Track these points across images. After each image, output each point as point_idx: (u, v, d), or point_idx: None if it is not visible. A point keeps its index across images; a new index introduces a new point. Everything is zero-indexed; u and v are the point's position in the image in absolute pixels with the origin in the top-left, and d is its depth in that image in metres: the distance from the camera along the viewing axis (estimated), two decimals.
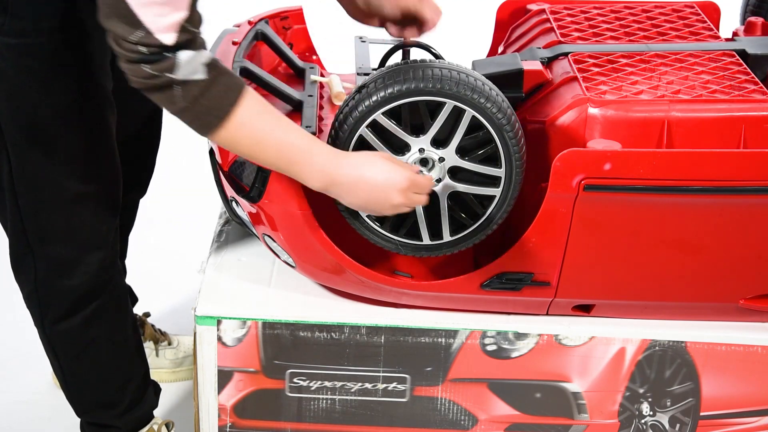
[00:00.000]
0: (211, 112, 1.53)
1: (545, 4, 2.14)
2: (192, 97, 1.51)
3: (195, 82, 1.50)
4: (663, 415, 1.92)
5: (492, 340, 1.87)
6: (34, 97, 1.71)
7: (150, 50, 1.46)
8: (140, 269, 2.62)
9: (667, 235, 1.75)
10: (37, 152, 1.75)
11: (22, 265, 1.88)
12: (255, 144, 1.57)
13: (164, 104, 1.53)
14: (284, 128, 1.59)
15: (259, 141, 1.57)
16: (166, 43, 1.46)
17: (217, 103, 1.53)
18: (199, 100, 1.51)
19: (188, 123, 1.54)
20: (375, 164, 1.62)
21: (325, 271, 1.84)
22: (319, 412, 1.93)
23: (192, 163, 3.16)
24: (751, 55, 1.92)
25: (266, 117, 1.57)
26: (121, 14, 1.44)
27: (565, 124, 1.78)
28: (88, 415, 2.08)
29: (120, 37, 1.46)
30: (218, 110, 1.53)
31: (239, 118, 1.54)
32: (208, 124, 1.54)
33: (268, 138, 1.57)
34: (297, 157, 1.59)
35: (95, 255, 1.87)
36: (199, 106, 1.52)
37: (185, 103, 1.51)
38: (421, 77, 1.64)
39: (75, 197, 1.80)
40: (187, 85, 1.50)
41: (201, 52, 1.50)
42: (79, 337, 1.94)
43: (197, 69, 1.50)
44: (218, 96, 1.52)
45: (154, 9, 1.43)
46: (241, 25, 2.03)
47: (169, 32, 1.45)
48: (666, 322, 1.87)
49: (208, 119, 1.53)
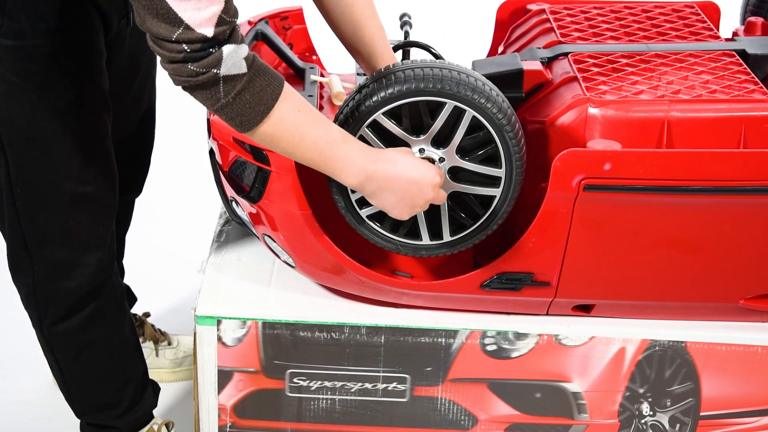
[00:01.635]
0: (254, 108, 1.52)
1: (545, 4, 2.14)
2: (236, 92, 1.49)
3: (238, 76, 1.49)
4: (663, 415, 1.93)
5: (492, 340, 1.87)
6: (31, 98, 1.71)
7: (192, 47, 1.44)
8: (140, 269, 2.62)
9: (666, 235, 1.75)
10: (34, 154, 1.75)
11: (19, 267, 1.88)
12: (295, 140, 1.56)
13: (207, 102, 1.51)
14: (323, 124, 1.58)
15: (300, 137, 1.56)
16: (207, 36, 1.44)
17: (259, 98, 1.52)
18: (242, 95, 1.50)
19: (229, 119, 1.53)
20: (409, 161, 1.63)
21: (325, 271, 1.84)
22: (319, 412, 1.93)
23: (192, 163, 3.17)
24: (751, 55, 1.92)
25: (305, 113, 1.57)
26: (158, 13, 1.42)
27: (565, 124, 1.78)
28: (88, 416, 2.08)
29: (160, 37, 1.44)
30: (260, 105, 1.52)
31: (280, 114, 1.54)
32: (251, 119, 1.52)
33: (308, 134, 1.56)
34: (336, 153, 1.59)
35: (92, 256, 1.87)
36: (241, 101, 1.51)
37: (228, 98, 1.50)
38: (421, 77, 1.64)
39: (72, 199, 1.80)
40: (230, 80, 1.49)
41: (241, 46, 1.49)
42: (77, 338, 1.94)
43: (239, 63, 1.49)
44: (260, 91, 1.51)
45: (192, 3, 1.42)
46: (241, 25, 2.03)
47: (209, 26, 1.44)
48: (666, 322, 1.87)
49: (251, 115, 1.52)
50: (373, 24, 1.82)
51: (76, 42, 1.71)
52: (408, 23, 2.07)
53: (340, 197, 1.72)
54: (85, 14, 1.71)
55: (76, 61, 1.72)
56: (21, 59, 1.67)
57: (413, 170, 1.63)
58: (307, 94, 1.94)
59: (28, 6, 1.65)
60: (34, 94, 1.70)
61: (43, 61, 1.68)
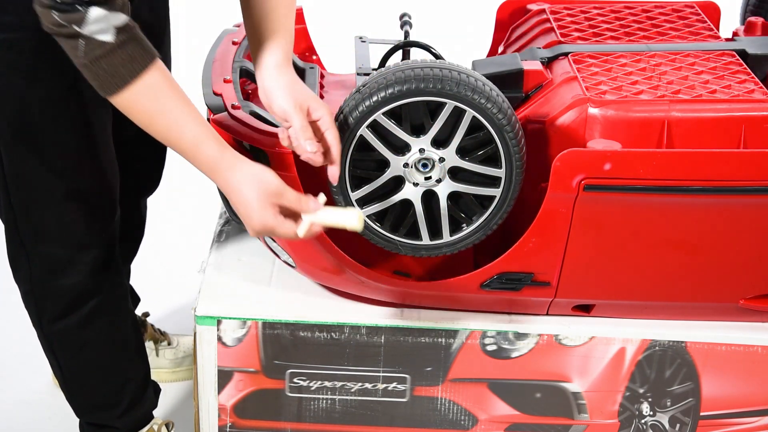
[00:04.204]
0: (109, 78, 1.51)
1: (545, 4, 2.14)
2: (94, 56, 1.49)
3: (99, 42, 1.48)
4: (663, 415, 1.93)
5: (492, 340, 1.87)
6: (20, 92, 1.70)
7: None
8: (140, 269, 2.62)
9: (667, 235, 1.75)
10: (26, 148, 1.74)
11: (17, 263, 1.88)
12: (145, 122, 1.56)
13: (69, 54, 1.51)
14: (180, 116, 1.57)
15: (150, 121, 1.56)
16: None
17: (116, 70, 1.51)
18: (99, 62, 1.50)
19: (89, 80, 1.53)
20: (241, 196, 1.59)
21: (325, 271, 1.84)
22: (319, 412, 1.93)
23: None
24: (751, 55, 1.92)
25: (166, 99, 1.55)
26: None
27: (565, 124, 1.78)
28: (88, 416, 2.07)
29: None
30: (116, 77, 1.51)
31: (134, 93, 1.53)
32: (105, 87, 1.52)
33: (159, 122, 1.56)
34: (182, 148, 1.58)
35: (89, 254, 1.86)
36: (98, 67, 1.50)
37: (86, 60, 1.49)
38: (421, 77, 1.64)
39: (66, 195, 1.79)
40: (91, 43, 1.48)
41: (116, 14, 1.48)
42: (76, 336, 1.94)
43: (106, 29, 1.48)
44: (120, 63, 1.50)
45: None
46: (241, 25, 2.03)
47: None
48: (666, 322, 1.87)
49: (105, 83, 1.52)
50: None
51: None
52: (408, 23, 2.07)
53: (340, 197, 1.73)
54: None
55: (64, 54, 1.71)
56: (8, 52, 1.67)
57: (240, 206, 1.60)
58: None
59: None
60: (24, 89, 1.70)
61: (32, 54, 1.68)
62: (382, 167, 1.71)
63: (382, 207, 1.73)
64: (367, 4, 3.94)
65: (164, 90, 1.55)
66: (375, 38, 2.07)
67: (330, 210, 1.60)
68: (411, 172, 1.71)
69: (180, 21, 2.55)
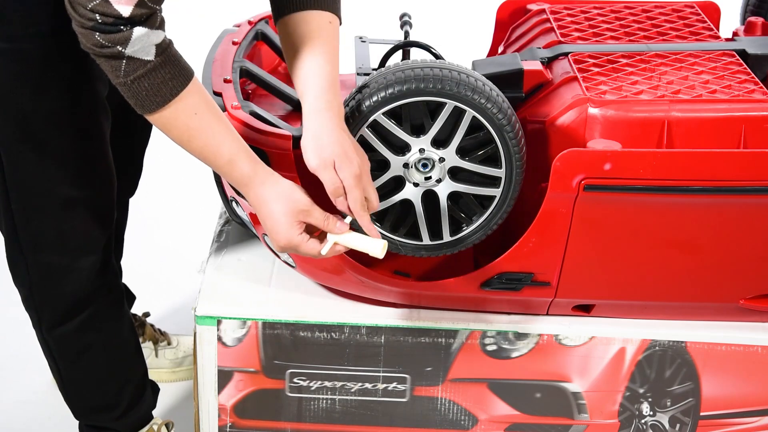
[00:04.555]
0: (150, 96, 1.51)
1: (545, 4, 2.14)
2: (136, 75, 1.49)
3: (141, 61, 1.48)
4: (663, 415, 1.93)
5: (492, 340, 1.87)
6: (25, 102, 1.70)
7: (105, 19, 1.44)
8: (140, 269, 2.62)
9: (667, 235, 1.75)
10: (29, 157, 1.74)
11: (17, 270, 1.88)
12: (183, 140, 1.57)
13: (109, 74, 1.51)
14: (217, 135, 1.58)
15: (188, 139, 1.57)
16: (122, 15, 1.44)
17: (157, 89, 1.51)
18: (141, 81, 1.50)
19: (127, 97, 1.53)
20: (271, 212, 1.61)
21: (325, 271, 1.84)
22: (319, 412, 1.93)
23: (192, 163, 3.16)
24: (751, 55, 1.92)
25: (204, 116, 1.56)
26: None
27: (565, 124, 1.78)
28: (86, 418, 2.07)
29: (76, 1, 1.44)
30: (157, 96, 1.52)
31: (174, 111, 1.53)
32: (145, 105, 1.52)
33: (197, 139, 1.57)
34: (217, 164, 1.60)
35: (88, 260, 1.86)
36: (139, 86, 1.50)
37: (127, 79, 1.50)
38: (421, 77, 1.64)
39: (67, 202, 1.79)
40: (133, 62, 1.48)
41: (156, 32, 1.48)
42: (76, 341, 1.94)
43: (148, 48, 1.48)
44: (161, 83, 1.51)
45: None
46: (241, 25, 2.03)
47: (128, 4, 1.43)
48: (666, 322, 1.87)
49: (146, 101, 1.52)
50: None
51: (69, 46, 1.70)
52: (408, 23, 2.07)
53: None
54: None
55: (70, 64, 1.71)
56: (14, 62, 1.67)
57: (267, 221, 1.61)
58: None
59: (22, 9, 1.64)
60: (29, 98, 1.69)
61: (37, 64, 1.68)
62: (382, 167, 1.71)
63: (382, 207, 1.73)
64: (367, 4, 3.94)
65: (202, 107, 1.56)
66: (375, 38, 2.07)
67: (355, 235, 1.62)
68: (411, 172, 1.71)
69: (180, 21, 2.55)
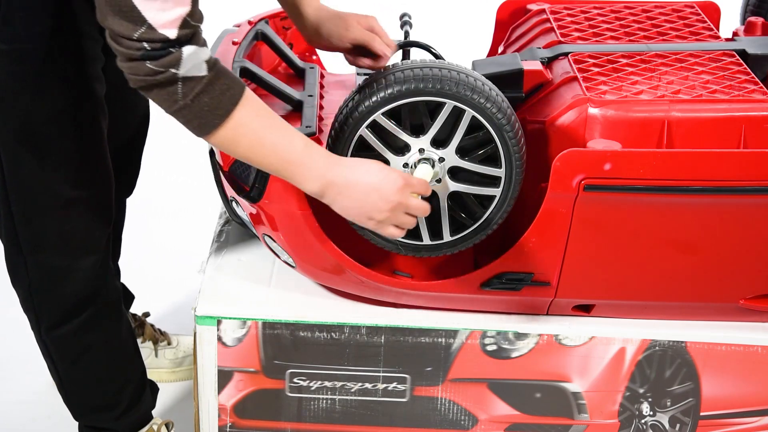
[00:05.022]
0: (213, 111, 1.51)
1: (545, 4, 2.14)
2: (194, 94, 1.48)
3: (197, 78, 1.48)
4: (663, 415, 1.93)
5: (492, 340, 1.87)
6: (26, 102, 1.70)
7: (153, 46, 1.44)
8: (140, 269, 2.62)
9: (667, 235, 1.75)
10: (29, 158, 1.75)
11: (16, 271, 1.88)
12: (253, 145, 1.55)
13: (164, 102, 1.50)
14: (283, 130, 1.57)
15: (258, 142, 1.55)
16: (169, 38, 1.44)
17: (218, 102, 1.50)
18: (200, 98, 1.49)
19: (187, 122, 1.52)
20: (371, 168, 1.61)
21: (325, 271, 1.84)
22: (319, 412, 1.93)
23: (192, 163, 3.17)
24: (751, 55, 1.92)
25: (265, 118, 1.56)
26: (121, 11, 1.42)
27: (565, 124, 1.78)
28: (86, 418, 2.07)
29: (121, 35, 1.44)
30: (219, 109, 1.51)
31: (239, 118, 1.53)
32: (209, 122, 1.51)
33: (266, 139, 1.55)
34: (294, 158, 1.57)
35: (88, 260, 1.86)
36: (200, 103, 1.49)
37: (187, 100, 1.49)
38: (420, 77, 1.64)
39: (67, 203, 1.79)
40: (189, 81, 1.48)
41: (203, 49, 1.48)
42: (75, 343, 1.94)
43: (199, 65, 1.48)
44: (220, 94, 1.50)
45: (158, 3, 1.41)
46: (241, 25, 2.03)
47: (172, 27, 1.43)
48: (666, 322, 1.87)
49: (209, 117, 1.51)
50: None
51: (71, 47, 1.71)
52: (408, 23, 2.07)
53: None
54: (82, 19, 1.70)
55: (71, 65, 1.71)
56: (16, 63, 1.67)
57: (373, 176, 1.60)
58: (307, 94, 1.94)
59: (24, 9, 1.64)
60: (29, 99, 1.69)
61: (38, 65, 1.68)
62: None
63: None
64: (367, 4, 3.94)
65: (260, 107, 1.56)
66: None
67: None
68: (411, 173, 1.71)
69: None
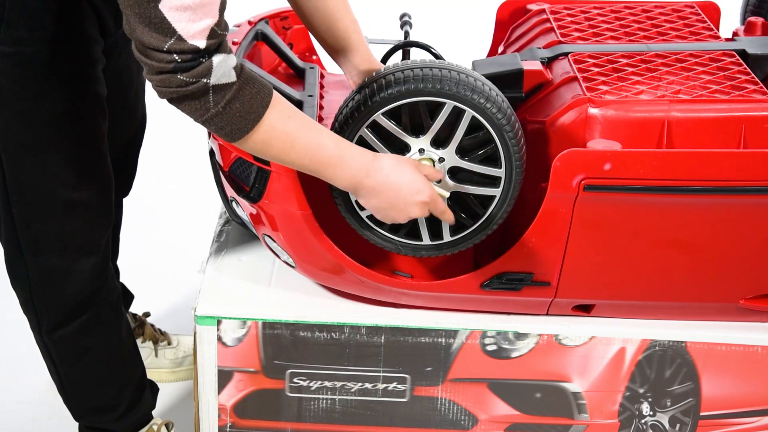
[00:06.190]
0: (244, 116, 1.51)
1: (545, 4, 2.14)
2: (225, 101, 1.49)
3: (228, 85, 1.48)
4: (663, 415, 1.93)
5: (492, 340, 1.87)
6: (28, 105, 1.70)
7: (183, 57, 1.43)
8: (140, 269, 2.62)
9: (667, 235, 1.75)
10: (29, 160, 1.75)
11: (16, 273, 1.88)
12: (286, 147, 1.56)
13: (196, 113, 1.50)
14: (315, 130, 1.58)
15: (291, 144, 1.56)
16: (199, 48, 1.44)
17: (249, 107, 1.51)
18: (232, 104, 1.50)
19: (219, 129, 1.52)
20: (402, 175, 1.63)
21: (325, 271, 1.84)
22: (319, 412, 1.93)
23: (192, 163, 3.17)
24: (751, 55, 1.92)
25: (296, 119, 1.57)
26: (151, 22, 1.41)
27: (565, 124, 1.78)
28: (86, 419, 2.07)
29: (150, 47, 1.43)
30: (251, 113, 1.52)
31: (271, 121, 1.53)
32: (241, 128, 1.52)
33: (299, 140, 1.56)
34: (329, 159, 1.58)
35: (88, 262, 1.86)
36: (231, 110, 1.50)
37: (218, 108, 1.49)
38: (420, 78, 1.64)
39: (67, 205, 1.79)
40: (220, 89, 1.48)
41: (230, 56, 1.49)
42: (75, 344, 1.94)
43: (228, 73, 1.48)
44: (250, 99, 1.51)
45: (187, 14, 1.41)
46: (241, 25, 2.03)
47: (201, 38, 1.43)
48: (666, 322, 1.87)
49: (241, 123, 1.52)
50: (346, 17, 1.81)
51: (73, 49, 1.71)
52: (408, 23, 2.07)
53: (340, 198, 1.73)
54: (83, 21, 1.71)
55: (73, 68, 1.71)
56: (18, 66, 1.67)
57: (404, 185, 1.62)
58: (307, 94, 1.94)
59: (27, 13, 1.64)
60: (31, 102, 1.70)
61: (40, 68, 1.68)
62: None
63: None
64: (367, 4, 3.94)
65: (289, 109, 1.57)
66: (375, 38, 2.07)
67: None
68: None
69: None
